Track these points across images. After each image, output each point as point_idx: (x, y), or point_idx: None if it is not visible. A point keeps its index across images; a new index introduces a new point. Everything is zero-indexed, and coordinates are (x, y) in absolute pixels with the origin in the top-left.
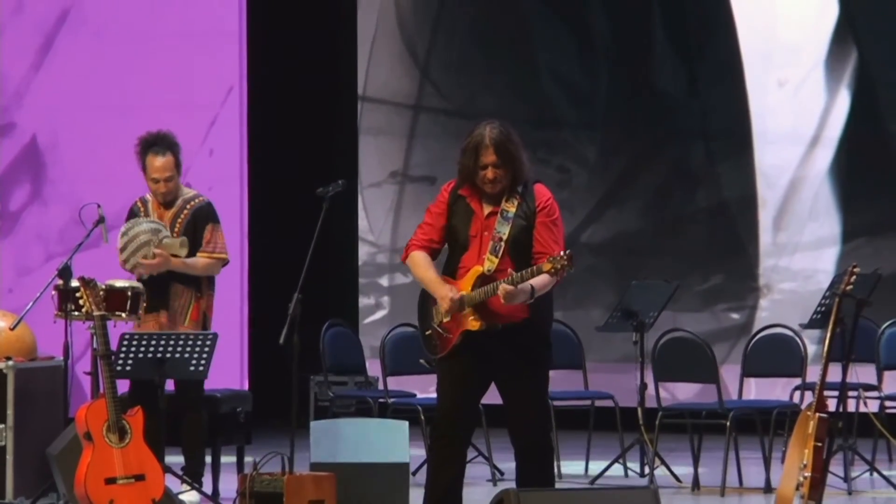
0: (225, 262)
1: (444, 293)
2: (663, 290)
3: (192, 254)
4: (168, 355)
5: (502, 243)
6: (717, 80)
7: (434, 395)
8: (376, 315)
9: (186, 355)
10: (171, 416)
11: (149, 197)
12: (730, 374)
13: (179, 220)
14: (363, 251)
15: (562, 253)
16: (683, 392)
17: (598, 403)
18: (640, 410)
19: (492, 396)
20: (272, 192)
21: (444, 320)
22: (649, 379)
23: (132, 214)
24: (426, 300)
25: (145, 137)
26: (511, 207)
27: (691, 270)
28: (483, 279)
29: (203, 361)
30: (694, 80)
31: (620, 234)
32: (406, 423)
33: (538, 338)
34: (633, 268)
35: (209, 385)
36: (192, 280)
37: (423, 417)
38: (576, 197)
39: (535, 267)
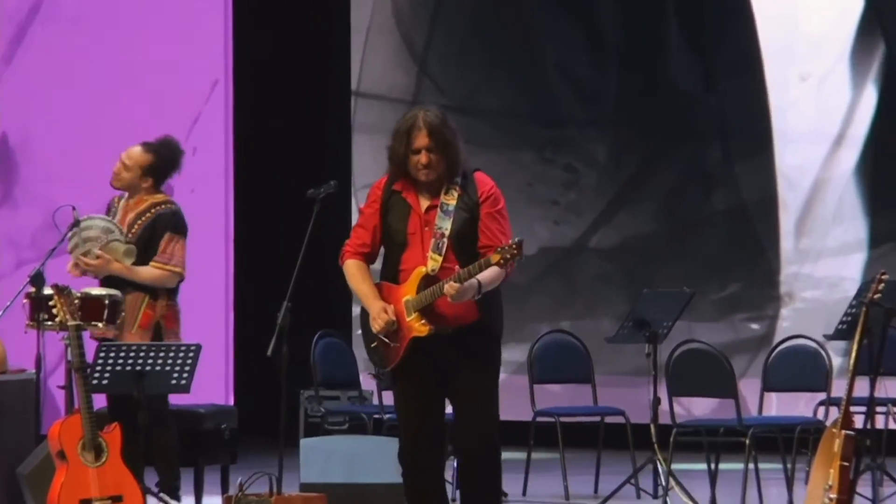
0: (180, 279)
1: (377, 311)
2: (678, 298)
3: (144, 262)
4: (148, 368)
5: (445, 239)
6: (735, 74)
7: None
8: None
9: (168, 368)
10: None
11: (125, 195)
12: (749, 388)
13: (140, 223)
14: None
15: (511, 241)
16: (699, 407)
17: (609, 419)
18: (653, 427)
19: None
20: (259, 194)
21: (381, 337)
22: (663, 393)
23: (108, 210)
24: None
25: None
26: (451, 200)
27: (707, 278)
28: (427, 280)
29: (185, 374)
30: (710, 74)
31: (632, 238)
32: None
33: (490, 339)
34: (646, 275)
35: (192, 399)
36: (147, 288)
37: None
38: (584, 199)
39: (482, 260)
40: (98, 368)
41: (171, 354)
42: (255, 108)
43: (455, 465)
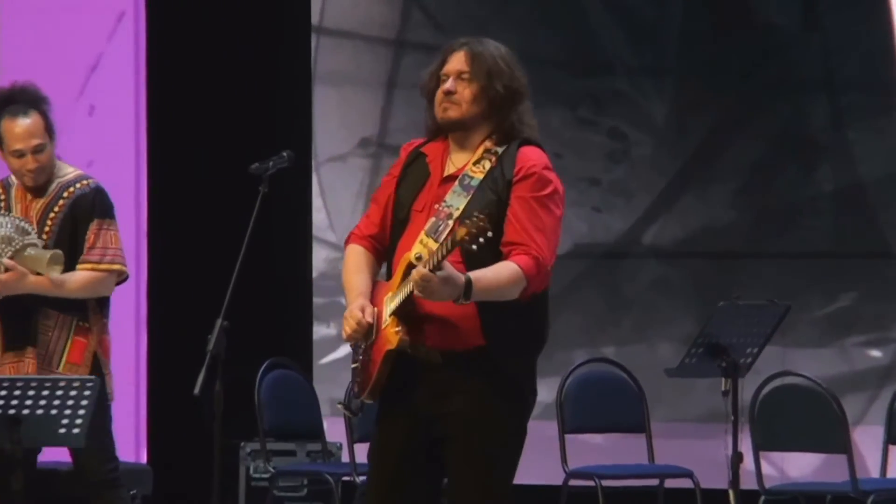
0: (122, 277)
1: (350, 309)
2: (767, 315)
3: (70, 266)
4: (26, 412)
5: (449, 222)
6: (848, 3)
7: None
8: (339, 352)
9: (53, 411)
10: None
11: (13, 180)
12: (868, 439)
13: (52, 216)
14: (320, 256)
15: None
16: (797, 467)
17: (671, 483)
18: (732, 494)
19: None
20: (182, 170)
21: (362, 346)
22: (746, 447)
23: None
24: None
25: None
26: (478, 172)
27: (809, 286)
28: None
29: (78, 420)
30: (813, 4)
31: (702, 231)
32: None
33: (501, 379)
34: (722, 282)
35: None
36: (72, 303)
37: None
38: (636, 176)
39: (449, 238)
40: None
41: (59, 392)
42: (176, 50)
43: None
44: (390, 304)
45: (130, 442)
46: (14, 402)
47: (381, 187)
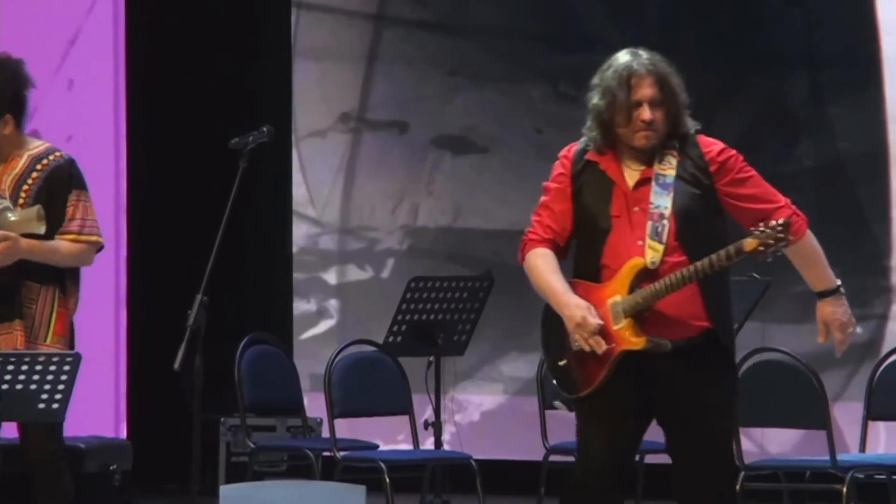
0: (99, 248)
1: (573, 311)
2: (746, 290)
3: (49, 235)
4: (5, 386)
5: (665, 222)
6: None
7: (406, 446)
8: (319, 327)
9: (33, 387)
10: (13, 479)
11: None
12: (847, 415)
13: (26, 188)
14: (300, 232)
15: (779, 222)
16: (777, 442)
17: (651, 459)
18: None
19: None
20: (162, 145)
21: (575, 349)
22: None
23: None
24: (557, 317)
25: None
26: (668, 170)
27: (788, 262)
28: (646, 276)
29: (59, 396)
30: None
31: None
32: (363, 489)
33: (723, 357)
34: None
35: (68, 430)
36: (52, 273)
37: (388, 479)
38: None
39: (731, 247)
40: None
41: (38, 367)
42: (155, 24)
43: None
44: (623, 306)
45: (110, 417)
46: None
47: (551, 194)
